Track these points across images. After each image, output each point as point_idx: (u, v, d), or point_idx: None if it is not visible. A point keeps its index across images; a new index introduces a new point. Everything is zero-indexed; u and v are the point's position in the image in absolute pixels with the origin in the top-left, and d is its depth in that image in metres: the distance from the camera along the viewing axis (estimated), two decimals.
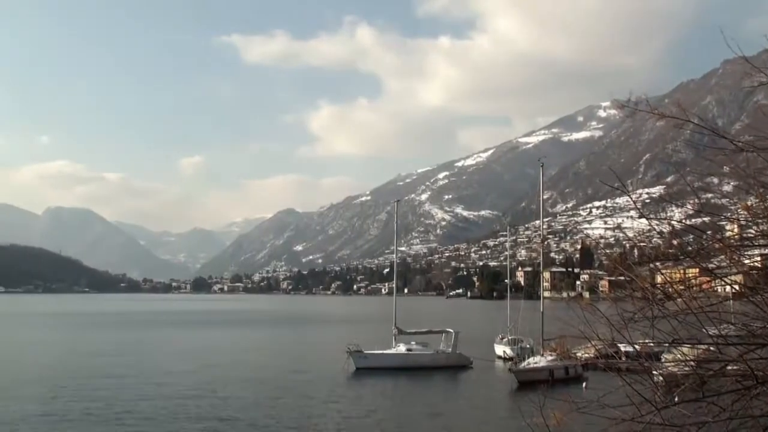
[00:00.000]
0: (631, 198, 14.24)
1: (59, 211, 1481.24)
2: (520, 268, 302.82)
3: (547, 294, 73.87)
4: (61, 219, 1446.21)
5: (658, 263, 9.05)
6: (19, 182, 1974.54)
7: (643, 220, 9.01)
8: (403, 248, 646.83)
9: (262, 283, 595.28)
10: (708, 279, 7.93)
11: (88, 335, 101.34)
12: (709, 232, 8.35)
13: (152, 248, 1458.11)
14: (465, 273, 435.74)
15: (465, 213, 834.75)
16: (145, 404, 39.81)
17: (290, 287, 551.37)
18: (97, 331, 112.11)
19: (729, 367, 7.34)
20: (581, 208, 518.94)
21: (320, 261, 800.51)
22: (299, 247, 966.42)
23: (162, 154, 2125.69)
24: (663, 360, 9.37)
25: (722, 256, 7.88)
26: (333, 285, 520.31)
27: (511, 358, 55.05)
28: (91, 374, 53.87)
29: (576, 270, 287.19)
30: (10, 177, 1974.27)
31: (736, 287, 7.77)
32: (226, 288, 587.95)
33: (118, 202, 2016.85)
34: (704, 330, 7.67)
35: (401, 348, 59.38)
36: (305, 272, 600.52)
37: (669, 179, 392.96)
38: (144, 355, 71.23)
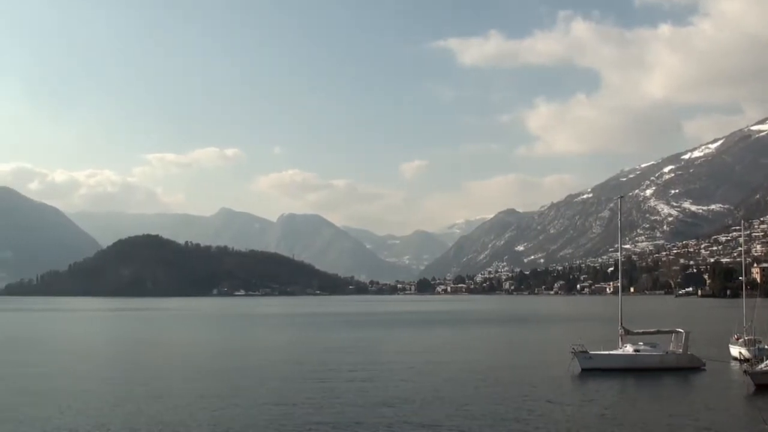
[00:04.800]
0: None
1: (292, 218, 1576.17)
2: (755, 265, 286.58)
3: None
4: (294, 225, 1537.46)
5: None
6: (256, 192, 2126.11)
7: None
8: (627, 246, 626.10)
9: (484, 284, 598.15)
10: None
11: (339, 333, 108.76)
12: None
13: (378, 251, 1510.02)
14: (695, 270, 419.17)
15: (693, 208, 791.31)
16: (393, 393, 42.78)
17: (512, 287, 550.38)
18: (344, 329, 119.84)
19: None
20: None
21: (542, 261, 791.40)
22: (520, 247, 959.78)
23: (384, 159, 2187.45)
24: None
25: None
26: (555, 285, 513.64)
27: (747, 360, 52.36)
28: (342, 368, 57.95)
29: None
30: (249, 187, 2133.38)
31: None
32: (449, 289, 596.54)
33: (346, 207, 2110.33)
34: None
35: (628, 349, 58.17)
36: (527, 272, 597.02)
37: None
38: (379, 353, 75.09)
